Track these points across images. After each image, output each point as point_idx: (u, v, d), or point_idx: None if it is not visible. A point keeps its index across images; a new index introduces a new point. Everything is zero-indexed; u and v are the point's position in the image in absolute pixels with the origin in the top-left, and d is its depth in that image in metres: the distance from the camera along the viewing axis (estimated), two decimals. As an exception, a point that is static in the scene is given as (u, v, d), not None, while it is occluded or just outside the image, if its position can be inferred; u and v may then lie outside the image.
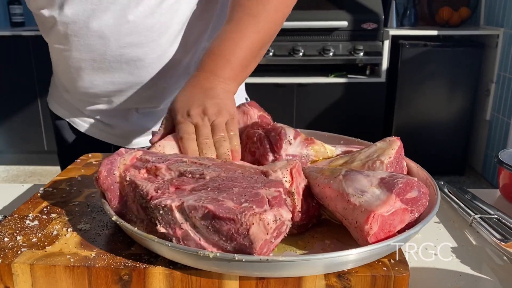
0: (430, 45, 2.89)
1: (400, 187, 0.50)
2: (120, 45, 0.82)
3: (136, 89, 0.89)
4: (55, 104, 1.01)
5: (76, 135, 1.00)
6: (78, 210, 0.64)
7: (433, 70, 2.91)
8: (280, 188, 0.49)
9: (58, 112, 1.01)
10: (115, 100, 0.92)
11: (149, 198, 0.50)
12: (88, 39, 0.82)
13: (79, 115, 0.98)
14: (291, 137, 0.66)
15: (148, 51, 0.84)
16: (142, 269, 0.51)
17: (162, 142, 0.67)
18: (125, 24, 0.80)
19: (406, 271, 0.50)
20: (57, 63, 0.93)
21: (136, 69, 0.85)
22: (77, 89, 0.91)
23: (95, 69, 0.86)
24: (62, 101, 1.00)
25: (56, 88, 1.01)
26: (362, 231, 0.49)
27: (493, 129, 2.95)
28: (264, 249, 0.47)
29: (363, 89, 2.97)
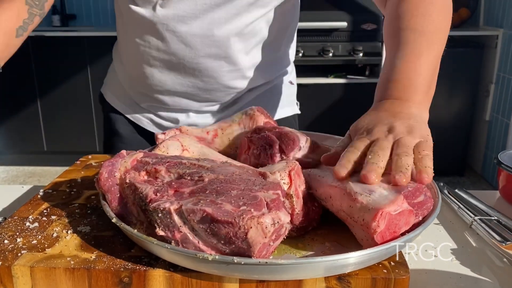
0: (430, 46, 2.89)
1: (409, 191, 0.51)
2: (199, 54, 0.87)
3: (202, 92, 0.93)
4: (112, 97, 1.04)
5: (130, 128, 1.02)
6: (78, 212, 0.64)
7: (433, 70, 2.90)
8: (278, 191, 0.49)
9: (115, 104, 1.03)
10: (177, 100, 0.95)
11: (148, 200, 0.50)
12: (172, 42, 0.86)
13: (137, 109, 1.01)
14: (303, 143, 0.66)
15: (223, 64, 0.89)
16: (142, 271, 0.51)
17: (167, 142, 0.67)
18: (210, 37, 0.85)
19: (406, 274, 0.50)
20: (129, 56, 0.94)
21: (207, 77, 0.90)
22: (144, 84, 0.94)
23: (169, 69, 0.90)
24: (121, 93, 1.02)
25: (115, 81, 1.03)
26: (369, 228, 0.49)
27: (493, 129, 2.95)
28: (262, 252, 0.47)
29: (362, 89, 2.97)
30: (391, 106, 0.63)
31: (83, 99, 3.17)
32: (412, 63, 0.66)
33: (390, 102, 0.64)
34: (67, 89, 3.14)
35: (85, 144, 3.24)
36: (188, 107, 0.96)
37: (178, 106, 0.96)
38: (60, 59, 3.09)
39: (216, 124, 0.78)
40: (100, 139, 3.26)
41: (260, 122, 0.75)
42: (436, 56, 0.69)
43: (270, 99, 1.03)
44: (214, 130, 0.77)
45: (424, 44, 0.68)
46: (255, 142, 0.68)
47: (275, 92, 1.04)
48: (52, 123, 3.24)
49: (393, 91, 0.65)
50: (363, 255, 0.47)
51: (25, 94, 3.17)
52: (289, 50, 1.04)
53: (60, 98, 3.17)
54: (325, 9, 2.89)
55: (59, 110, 3.21)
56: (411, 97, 0.64)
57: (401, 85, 0.65)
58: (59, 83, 3.14)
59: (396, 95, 0.64)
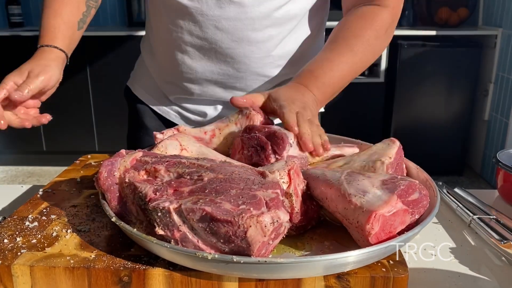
0: (429, 46, 2.89)
1: (402, 189, 0.51)
2: (232, 39, 0.87)
3: (231, 81, 0.93)
4: (140, 89, 1.04)
5: (157, 121, 1.03)
6: (77, 211, 0.64)
7: (432, 70, 2.91)
8: (277, 190, 0.49)
9: (143, 97, 1.03)
10: (206, 89, 0.94)
11: (147, 200, 0.51)
12: (205, 26, 0.86)
13: (164, 102, 1.01)
14: (292, 139, 0.66)
15: (255, 50, 0.88)
16: (142, 270, 0.51)
17: (165, 142, 0.67)
18: (244, 20, 0.85)
19: (405, 272, 0.50)
20: (161, 43, 0.95)
21: (239, 64, 0.90)
22: (174, 72, 0.93)
23: (201, 55, 0.90)
24: (149, 86, 1.02)
25: (143, 73, 1.04)
26: (364, 231, 0.49)
27: (492, 129, 2.95)
28: (262, 251, 0.47)
29: (361, 89, 2.97)
30: (300, 88, 0.79)
31: (82, 98, 3.16)
32: (328, 66, 0.81)
33: (298, 86, 0.79)
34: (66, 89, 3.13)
35: (84, 144, 3.23)
36: (217, 97, 0.96)
37: (207, 96, 0.95)
38: (59, 58, 3.07)
39: (213, 124, 0.78)
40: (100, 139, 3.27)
41: (256, 122, 0.74)
42: (352, 73, 0.84)
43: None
44: (211, 130, 0.77)
45: (349, 58, 0.82)
46: (246, 142, 0.68)
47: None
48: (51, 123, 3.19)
49: (303, 79, 0.81)
50: (362, 254, 0.48)
51: (24, 94, 3.15)
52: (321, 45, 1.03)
53: (59, 97, 3.12)
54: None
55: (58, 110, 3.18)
56: (313, 90, 0.79)
57: (311, 76, 0.80)
58: (58, 83, 3.12)
59: (304, 83, 0.80)
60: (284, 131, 0.67)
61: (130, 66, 1.13)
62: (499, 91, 2.86)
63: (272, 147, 0.65)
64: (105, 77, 3.11)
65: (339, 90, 0.85)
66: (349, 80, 0.85)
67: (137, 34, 2.99)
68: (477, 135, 3.13)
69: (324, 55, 0.84)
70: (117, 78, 3.11)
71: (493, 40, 2.87)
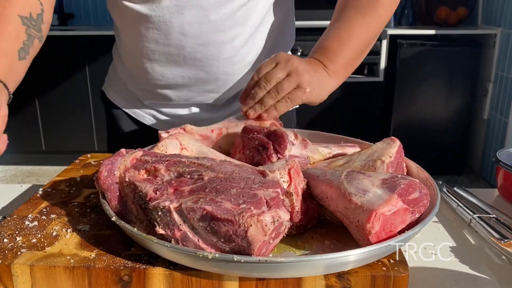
0: (428, 45, 2.90)
1: (402, 188, 0.50)
2: (198, 42, 0.86)
3: (204, 84, 0.92)
4: (114, 94, 1.04)
5: (132, 125, 1.02)
6: (77, 211, 0.64)
7: (431, 69, 2.91)
8: (278, 189, 0.49)
9: (117, 102, 1.03)
10: (180, 93, 0.94)
11: (148, 199, 0.50)
12: (169, 34, 0.86)
13: (139, 106, 1.01)
14: (292, 137, 0.66)
15: (223, 51, 0.88)
16: (142, 269, 0.51)
17: (165, 141, 0.67)
18: (207, 23, 0.85)
19: (405, 271, 0.50)
20: (129, 52, 0.94)
21: (208, 67, 0.89)
22: (145, 79, 0.93)
23: (169, 62, 0.89)
24: (122, 91, 1.02)
25: (116, 79, 1.03)
26: (364, 230, 0.49)
27: (491, 128, 2.95)
28: (262, 250, 0.47)
29: (361, 88, 2.96)
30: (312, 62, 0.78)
31: (82, 98, 3.16)
32: (341, 37, 0.79)
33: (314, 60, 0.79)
34: (65, 88, 3.14)
35: (84, 144, 3.23)
36: (191, 100, 0.96)
37: (181, 100, 0.95)
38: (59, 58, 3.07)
39: (221, 123, 0.78)
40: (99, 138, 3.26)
41: (266, 123, 0.75)
42: (368, 39, 0.81)
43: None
44: (219, 128, 0.77)
45: (362, 25, 0.79)
46: (247, 143, 0.68)
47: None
48: (50, 123, 3.23)
49: (317, 55, 0.80)
50: (362, 253, 0.48)
51: (23, 94, 3.15)
52: (290, 41, 1.03)
53: (59, 97, 3.16)
54: (323, 7, 2.88)
55: (58, 110, 3.20)
56: (328, 65, 0.78)
57: (326, 52, 0.79)
58: (57, 82, 3.13)
59: (319, 58, 0.79)
60: (284, 129, 0.67)
61: None
62: (498, 90, 2.86)
63: (273, 146, 0.65)
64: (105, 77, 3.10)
65: (358, 55, 0.83)
66: (365, 42, 0.82)
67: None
68: (477, 135, 3.13)
69: (333, 25, 0.82)
70: (116, 78, 3.11)
71: (492, 39, 2.87)
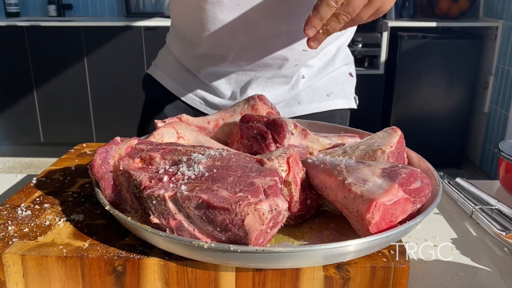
0: (429, 37, 2.88)
1: (403, 177, 0.49)
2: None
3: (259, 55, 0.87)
4: (163, 75, 1.00)
5: (179, 109, 0.98)
6: (71, 200, 0.63)
7: (432, 62, 2.89)
8: (276, 177, 0.48)
9: (166, 83, 0.99)
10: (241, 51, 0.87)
11: (142, 188, 0.49)
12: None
13: (190, 88, 0.96)
14: (292, 127, 0.65)
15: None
16: (137, 259, 0.49)
17: (161, 129, 0.66)
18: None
19: (406, 262, 0.49)
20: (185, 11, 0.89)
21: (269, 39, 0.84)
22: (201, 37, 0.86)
23: (233, 5, 0.82)
24: (173, 71, 0.98)
25: (169, 58, 1.00)
26: (364, 220, 0.47)
27: (491, 121, 2.94)
28: (259, 240, 0.45)
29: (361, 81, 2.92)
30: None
31: (80, 89, 3.14)
32: None
33: None
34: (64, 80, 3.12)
35: (82, 135, 3.22)
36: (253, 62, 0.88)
37: (242, 60, 0.89)
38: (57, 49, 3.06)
39: (217, 114, 0.76)
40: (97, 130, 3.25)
41: (262, 112, 0.73)
42: None
43: (329, 85, 0.98)
44: (215, 120, 0.75)
45: None
46: (245, 132, 0.67)
47: (334, 79, 1.00)
48: (48, 114, 3.22)
49: None
50: (362, 244, 0.46)
51: (21, 85, 3.14)
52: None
53: (57, 88, 3.14)
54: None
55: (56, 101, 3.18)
56: None
57: None
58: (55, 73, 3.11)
59: None
60: (283, 119, 0.66)
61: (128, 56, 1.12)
62: (499, 83, 2.85)
63: (272, 135, 0.64)
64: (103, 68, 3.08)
65: None
66: None
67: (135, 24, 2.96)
68: (477, 128, 3.12)
69: None
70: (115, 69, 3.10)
71: (493, 32, 2.85)
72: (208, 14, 0.83)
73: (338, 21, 0.64)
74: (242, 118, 0.69)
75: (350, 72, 1.05)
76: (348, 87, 1.03)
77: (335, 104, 1.00)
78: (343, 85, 1.01)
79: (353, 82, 1.05)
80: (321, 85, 0.98)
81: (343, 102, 1.01)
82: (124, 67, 3.04)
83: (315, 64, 0.95)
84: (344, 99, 1.01)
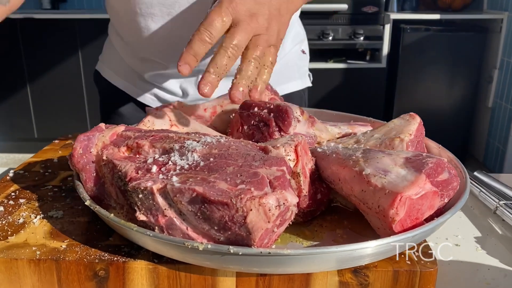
0: (432, 30, 2.83)
1: (430, 167, 0.42)
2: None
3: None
4: (111, 72, 0.96)
5: (133, 107, 0.94)
6: (51, 195, 0.56)
7: (435, 55, 2.84)
8: (283, 167, 0.41)
9: (114, 81, 0.95)
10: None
11: (127, 179, 0.42)
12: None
13: (139, 83, 0.92)
14: (298, 113, 0.58)
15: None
16: (121, 263, 0.43)
17: (152, 116, 0.59)
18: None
19: (434, 266, 0.42)
20: (122, 16, 0.85)
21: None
22: (142, 43, 0.84)
23: (164, 16, 0.79)
24: (120, 69, 0.94)
25: (113, 55, 0.95)
26: (386, 217, 0.41)
27: (496, 116, 2.88)
28: (264, 240, 0.39)
29: (362, 75, 2.89)
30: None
31: (75, 83, 3.08)
32: None
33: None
34: (58, 74, 3.06)
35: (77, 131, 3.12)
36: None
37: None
38: (51, 42, 3.00)
39: (215, 100, 0.70)
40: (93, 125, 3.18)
41: (265, 98, 0.67)
42: None
43: (282, 70, 0.91)
44: (212, 107, 0.69)
45: None
46: (246, 119, 0.60)
47: (286, 63, 0.93)
48: (42, 109, 3.16)
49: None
50: (384, 245, 0.40)
51: (14, 79, 3.08)
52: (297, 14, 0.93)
53: (51, 83, 3.09)
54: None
55: (50, 96, 3.12)
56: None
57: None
58: (49, 68, 3.05)
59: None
60: (288, 104, 0.59)
61: None
62: (504, 77, 2.79)
63: (276, 123, 0.57)
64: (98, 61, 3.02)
65: None
66: None
67: (131, 17, 2.90)
68: (481, 123, 3.07)
69: None
70: (110, 63, 3.03)
71: (498, 25, 2.80)
72: (141, 26, 0.81)
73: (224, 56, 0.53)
74: (242, 105, 0.62)
75: (303, 49, 0.99)
76: (301, 66, 0.98)
77: (291, 87, 0.95)
78: (297, 65, 0.96)
79: (306, 59, 1.00)
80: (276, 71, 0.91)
81: (298, 83, 0.97)
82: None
83: None
84: (299, 79, 0.97)
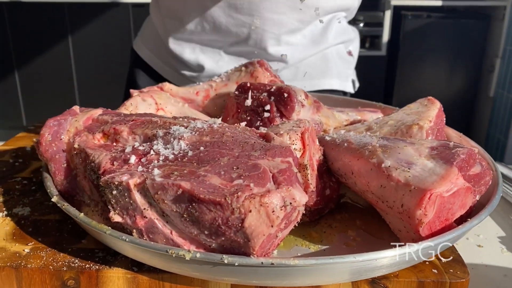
0: (434, 17, 2.80)
1: (462, 159, 0.35)
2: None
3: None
4: (142, 45, 0.95)
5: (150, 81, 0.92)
6: (18, 188, 0.49)
7: (436, 43, 2.81)
8: (289, 158, 0.34)
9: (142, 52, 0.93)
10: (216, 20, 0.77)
11: (100, 172, 0.35)
12: None
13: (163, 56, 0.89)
14: (302, 97, 0.51)
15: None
16: (94, 271, 0.36)
17: (135, 99, 0.52)
18: None
19: (465, 275, 0.36)
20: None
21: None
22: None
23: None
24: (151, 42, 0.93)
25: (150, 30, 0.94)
26: (412, 218, 0.34)
27: (497, 106, 2.85)
28: (266, 247, 0.32)
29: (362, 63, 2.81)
30: None
31: (64, 70, 3.02)
32: None
33: None
34: (47, 60, 2.99)
35: (67, 119, 3.08)
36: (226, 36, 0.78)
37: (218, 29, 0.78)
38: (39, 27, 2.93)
39: (207, 83, 0.63)
40: (84, 114, 3.11)
41: (263, 80, 0.60)
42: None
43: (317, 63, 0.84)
44: (205, 90, 0.62)
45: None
46: (243, 104, 0.53)
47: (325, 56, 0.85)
48: (31, 96, 3.10)
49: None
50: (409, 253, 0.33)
51: (1, 65, 3.02)
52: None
53: (40, 69, 3.02)
54: None
55: (39, 82, 3.06)
56: None
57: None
58: (38, 53, 2.98)
59: None
60: (291, 87, 0.52)
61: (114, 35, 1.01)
62: (506, 66, 2.75)
63: (277, 107, 0.50)
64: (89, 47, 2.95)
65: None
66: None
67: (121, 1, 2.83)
68: (481, 113, 3.04)
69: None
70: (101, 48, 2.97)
71: (501, 12, 2.76)
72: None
73: None
74: (239, 87, 0.55)
75: (350, 50, 0.89)
76: (343, 67, 0.87)
77: (323, 84, 0.84)
78: (337, 64, 0.85)
79: (351, 62, 0.89)
80: (309, 63, 0.83)
81: (335, 82, 0.85)
82: (111, 46, 2.91)
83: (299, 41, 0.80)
84: (337, 79, 0.85)
